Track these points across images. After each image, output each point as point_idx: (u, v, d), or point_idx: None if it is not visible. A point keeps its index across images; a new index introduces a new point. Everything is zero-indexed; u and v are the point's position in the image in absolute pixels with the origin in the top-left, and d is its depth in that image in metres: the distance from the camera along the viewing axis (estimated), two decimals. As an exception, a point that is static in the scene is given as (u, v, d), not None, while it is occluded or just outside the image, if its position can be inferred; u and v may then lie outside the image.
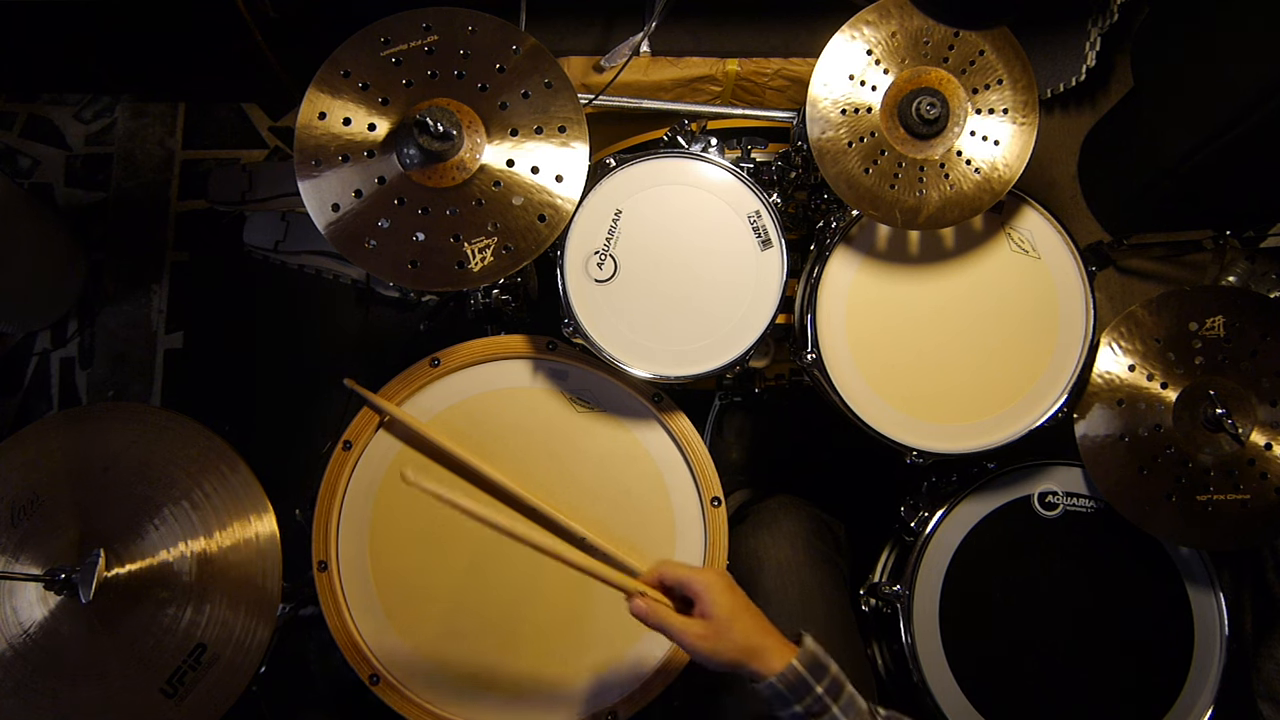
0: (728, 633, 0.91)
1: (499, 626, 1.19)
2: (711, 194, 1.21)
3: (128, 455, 1.17)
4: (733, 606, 0.93)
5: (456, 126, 1.05)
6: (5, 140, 2.00)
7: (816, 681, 0.91)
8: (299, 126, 1.06)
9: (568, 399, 1.25)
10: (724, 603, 0.92)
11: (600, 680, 1.18)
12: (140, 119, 2.01)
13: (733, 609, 0.92)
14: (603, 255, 1.19)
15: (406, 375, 1.23)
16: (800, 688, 0.90)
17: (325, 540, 1.19)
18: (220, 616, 1.11)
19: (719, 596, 0.92)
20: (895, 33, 1.15)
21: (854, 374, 1.24)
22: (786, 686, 0.90)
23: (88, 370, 1.92)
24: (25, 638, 1.10)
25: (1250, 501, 1.22)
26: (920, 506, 1.35)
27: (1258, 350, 1.24)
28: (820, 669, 0.92)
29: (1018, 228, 1.26)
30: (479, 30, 1.10)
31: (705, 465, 1.23)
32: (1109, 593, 1.30)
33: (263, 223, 1.85)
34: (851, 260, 1.25)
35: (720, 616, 0.91)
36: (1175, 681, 1.28)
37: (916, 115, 1.13)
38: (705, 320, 1.19)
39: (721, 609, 0.92)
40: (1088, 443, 1.26)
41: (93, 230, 1.97)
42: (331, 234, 1.06)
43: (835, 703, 0.91)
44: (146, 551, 1.13)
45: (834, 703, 0.91)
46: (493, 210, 1.08)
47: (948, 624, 1.28)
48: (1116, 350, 1.27)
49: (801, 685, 0.91)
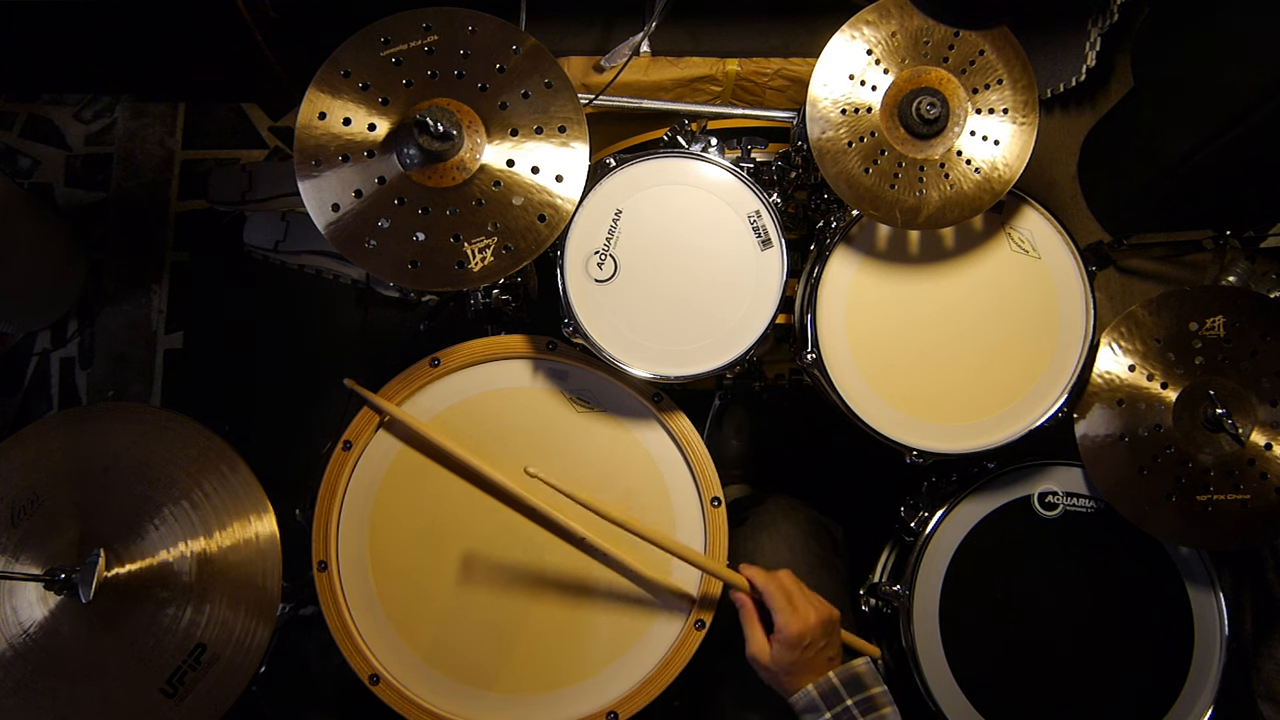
0: (783, 662, 1.02)
1: (499, 626, 1.19)
2: (711, 194, 1.21)
3: (128, 455, 1.17)
4: (800, 653, 1.02)
5: (456, 126, 1.05)
6: (5, 140, 2.00)
7: (849, 694, 1.00)
8: (299, 126, 1.06)
9: (568, 399, 1.25)
10: (790, 650, 1.02)
11: (600, 680, 1.18)
12: (140, 119, 2.01)
13: (800, 654, 1.02)
14: (603, 255, 1.19)
15: (406, 375, 1.23)
16: (831, 697, 0.99)
17: (325, 540, 1.19)
18: (220, 616, 1.11)
19: (790, 644, 1.02)
20: (895, 33, 1.15)
21: (854, 374, 1.24)
22: (820, 694, 1.00)
23: (88, 370, 1.92)
24: (25, 638, 1.10)
25: (1250, 501, 1.22)
26: (920, 506, 1.35)
27: (1258, 350, 1.24)
28: (858, 686, 1.01)
29: (1018, 228, 1.26)
30: (479, 30, 1.10)
31: (705, 465, 1.23)
32: (1109, 593, 1.30)
33: (263, 223, 1.85)
34: (851, 260, 1.25)
35: (783, 655, 1.03)
36: (1175, 681, 1.28)
37: (916, 115, 1.13)
38: (705, 320, 1.19)
39: (789, 653, 1.02)
40: (1088, 443, 1.26)
41: (93, 230, 1.97)
42: (331, 234, 1.06)
43: (863, 717, 0.99)
44: (146, 551, 1.13)
45: (861, 717, 0.99)
46: (493, 210, 1.08)
47: (948, 624, 1.28)
48: (1116, 350, 1.27)
49: (833, 695, 1.00)
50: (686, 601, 1.20)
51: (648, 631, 1.19)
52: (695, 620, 1.18)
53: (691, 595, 1.19)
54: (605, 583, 1.20)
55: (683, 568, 1.20)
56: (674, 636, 1.19)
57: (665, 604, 1.20)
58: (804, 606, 1.04)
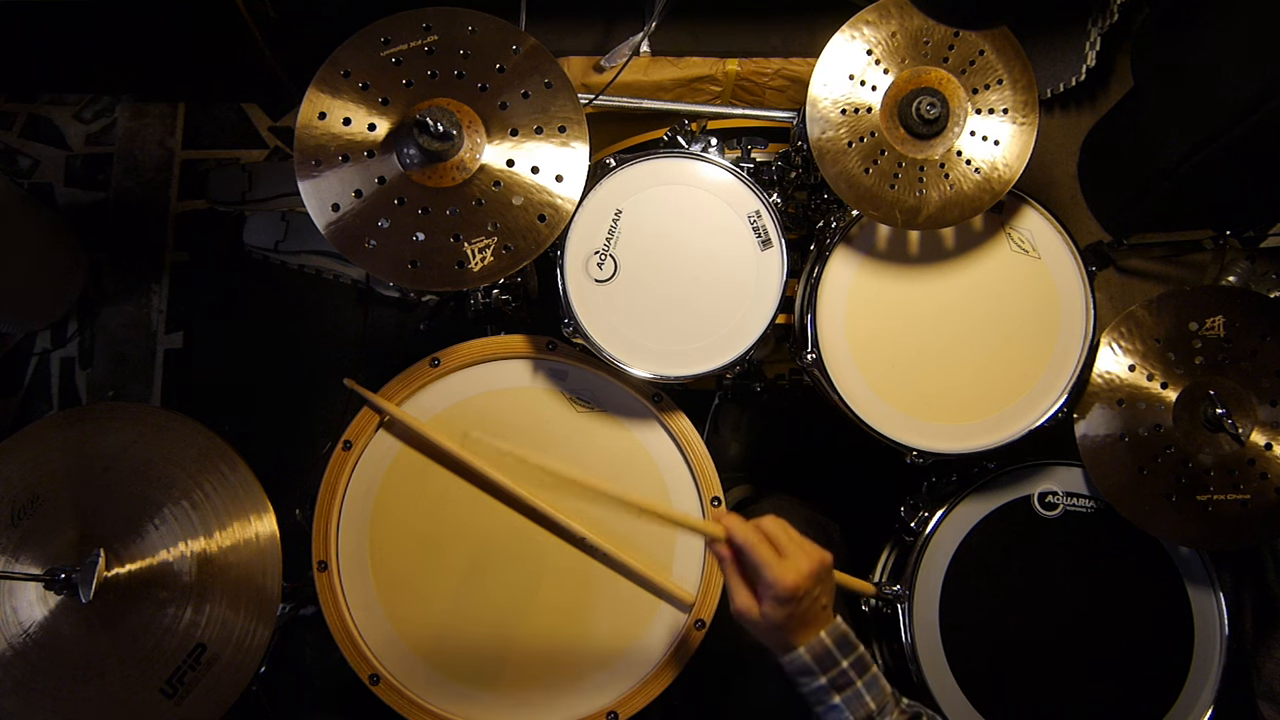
0: (775, 618, 0.92)
1: (499, 626, 1.19)
2: (711, 194, 1.21)
3: (128, 455, 1.17)
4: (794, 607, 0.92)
5: (456, 126, 1.05)
6: (5, 140, 2.00)
7: (843, 656, 0.94)
8: (299, 126, 1.06)
9: (568, 399, 1.25)
10: (784, 605, 0.92)
11: (600, 680, 1.18)
12: (140, 119, 2.01)
13: (794, 608, 0.92)
14: (603, 255, 1.19)
15: (406, 375, 1.23)
16: (826, 660, 0.93)
17: (325, 540, 1.19)
18: (220, 616, 1.11)
19: (783, 599, 0.91)
20: (895, 33, 1.15)
21: (854, 374, 1.24)
22: (814, 658, 0.93)
23: (88, 370, 1.92)
24: (25, 638, 1.10)
25: (1250, 501, 1.22)
26: (920, 506, 1.35)
27: (1258, 350, 1.24)
28: (848, 646, 0.95)
29: (1018, 228, 1.26)
30: (479, 30, 1.10)
31: (705, 465, 1.23)
32: (1109, 593, 1.30)
33: (263, 223, 1.85)
34: (851, 260, 1.25)
35: (775, 611, 0.92)
36: (1175, 681, 1.28)
37: (916, 115, 1.13)
38: (705, 320, 1.19)
39: (782, 609, 0.92)
40: (1088, 443, 1.26)
41: (93, 230, 1.97)
42: (331, 234, 1.06)
43: (860, 678, 0.94)
44: (146, 551, 1.13)
45: (859, 678, 0.94)
46: (493, 210, 1.08)
47: (948, 624, 1.28)
48: (1116, 350, 1.27)
49: (828, 657, 0.93)
50: (686, 601, 1.20)
51: (648, 631, 1.19)
52: (695, 620, 1.18)
53: (691, 595, 1.19)
54: (605, 582, 1.20)
55: (683, 566, 1.20)
56: (674, 636, 1.19)
57: (665, 603, 1.20)
58: (795, 553, 0.93)
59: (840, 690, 0.93)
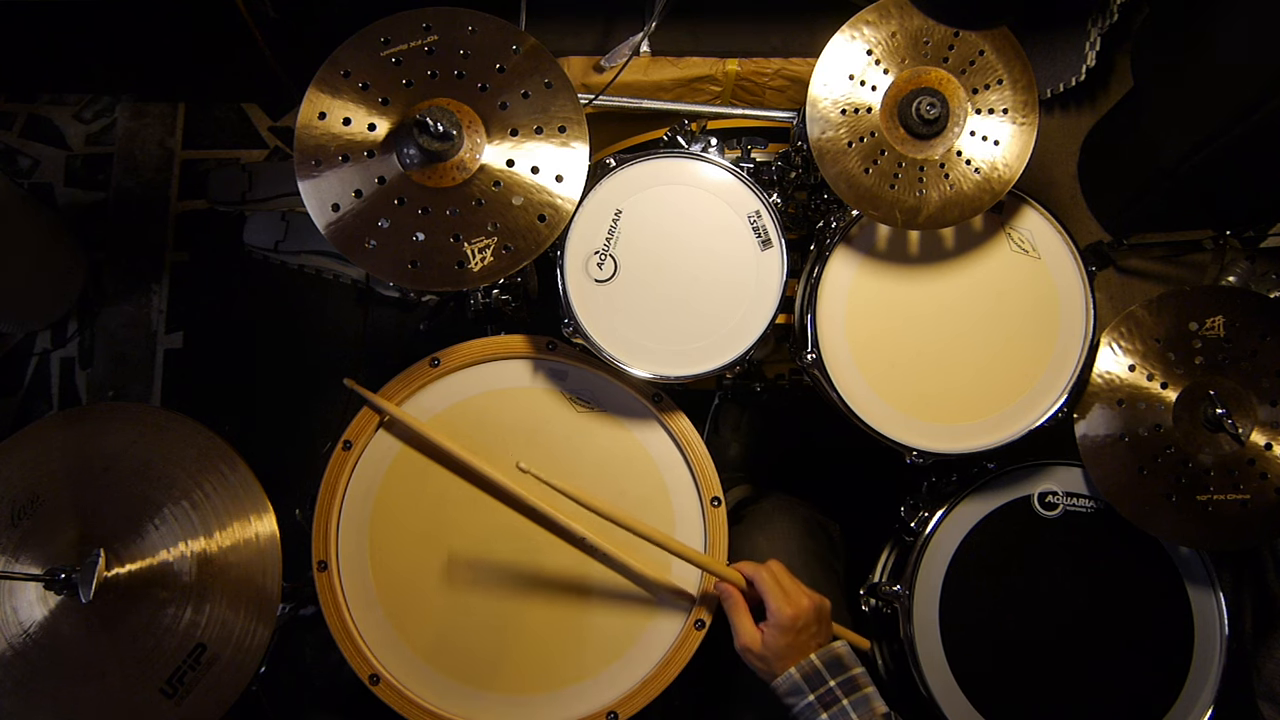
0: (776, 647, 1.03)
1: (499, 626, 1.19)
2: (711, 194, 1.21)
3: (128, 455, 1.17)
4: (794, 637, 1.03)
5: (456, 126, 1.05)
6: (5, 140, 2.00)
7: (831, 676, 1.00)
8: (299, 126, 1.06)
9: (568, 399, 1.25)
10: (784, 634, 1.03)
11: (600, 680, 1.18)
12: (140, 119, 2.01)
13: (794, 639, 1.03)
14: (603, 255, 1.19)
15: (406, 375, 1.23)
16: (814, 679, 1.00)
17: (325, 540, 1.19)
18: (220, 616, 1.11)
19: (784, 628, 1.03)
20: (895, 33, 1.15)
21: (854, 374, 1.24)
22: (803, 676, 1.00)
23: (88, 370, 1.92)
24: (25, 638, 1.10)
25: (1250, 501, 1.22)
26: (920, 506, 1.35)
27: (1258, 350, 1.24)
28: (839, 668, 1.01)
29: (1018, 228, 1.26)
30: (479, 30, 1.10)
31: (705, 465, 1.22)
32: (1109, 593, 1.30)
33: (263, 223, 1.85)
34: (851, 260, 1.25)
35: (776, 640, 1.03)
36: (1175, 681, 1.28)
37: (916, 115, 1.13)
38: (705, 320, 1.19)
39: (783, 637, 1.03)
40: (1088, 443, 1.26)
41: (93, 230, 1.97)
42: (331, 234, 1.06)
43: (846, 697, 0.99)
44: (146, 551, 1.13)
45: (845, 697, 0.99)
46: (493, 210, 1.08)
47: (948, 624, 1.28)
48: (1116, 350, 1.27)
49: (816, 677, 1.00)
50: (686, 601, 1.20)
51: (647, 631, 1.19)
52: (695, 620, 1.18)
53: (691, 594, 1.19)
54: (605, 582, 1.20)
55: (683, 567, 1.20)
56: (674, 636, 1.19)
57: (665, 603, 1.20)
58: (795, 592, 1.05)
59: (827, 708, 0.99)
